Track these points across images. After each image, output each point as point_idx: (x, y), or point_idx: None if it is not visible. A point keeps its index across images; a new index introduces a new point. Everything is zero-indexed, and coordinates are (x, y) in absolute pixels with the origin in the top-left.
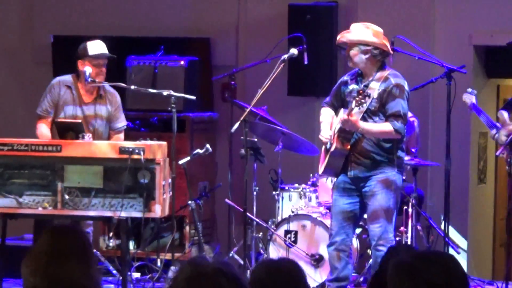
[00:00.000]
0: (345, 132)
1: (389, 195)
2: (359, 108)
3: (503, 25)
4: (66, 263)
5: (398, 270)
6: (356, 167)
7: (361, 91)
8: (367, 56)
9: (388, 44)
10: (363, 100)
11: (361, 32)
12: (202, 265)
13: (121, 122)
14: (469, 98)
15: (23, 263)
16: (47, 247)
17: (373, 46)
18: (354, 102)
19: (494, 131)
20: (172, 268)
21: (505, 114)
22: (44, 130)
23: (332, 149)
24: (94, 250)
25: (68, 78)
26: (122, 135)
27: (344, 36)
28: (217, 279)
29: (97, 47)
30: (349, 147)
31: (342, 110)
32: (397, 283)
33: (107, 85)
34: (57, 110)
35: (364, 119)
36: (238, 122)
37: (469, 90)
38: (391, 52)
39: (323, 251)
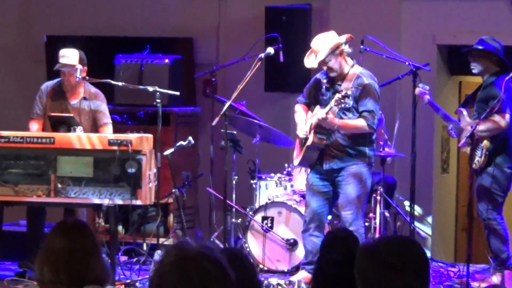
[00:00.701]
0: (321, 128)
1: (360, 184)
2: (338, 108)
3: (464, 26)
4: (83, 259)
5: (362, 253)
6: (331, 160)
7: (340, 91)
8: (342, 56)
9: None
10: (342, 101)
11: (327, 41)
12: (186, 248)
13: (106, 119)
14: (424, 94)
15: (39, 261)
16: (65, 247)
17: (343, 43)
18: (333, 101)
19: (451, 125)
20: (158, 251)
21: (465, 113)
22: (34, 129)
23: (309, 143)
24: None
25: (55, 81)
26: (109, 129)
27: (319, 53)
28: (201, 261)
29: (60, 57)
30: (324, 141)
31: (317, 107)
32: (360, 265)
33: (92, 87)
34: (46, 112)
35: (338, 115)
36: (219, 116)
37: (421, 85)
38: (353, 38)
39: (298, 236)
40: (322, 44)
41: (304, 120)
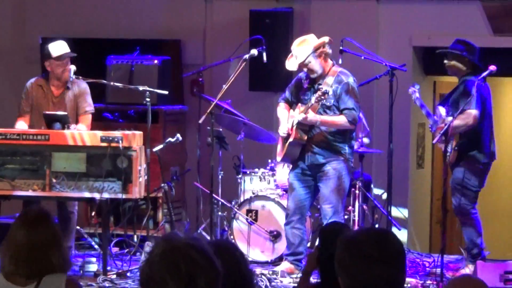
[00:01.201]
0: (303, 125)
1: (340, 179)
2: (318, 104)
3: (438, 28)
4: (42, 252)
5: (341, 244)
6: (312, 155)
7: (320, 89)
8: (321, 57)
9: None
10: (322, 97)
11: (306, 44)
12: (175, 240)
13: (87, 107)
14: (414, 93)
15: (2, 252)
16: (24, 239)
17: (322, 45)
18: (314, 98)
19: (431, 121)
20: (147, 243)
21: (442, 109)
22: (20, 126)
23: (291, 139)
24: (78, 227)
25: (38, 77)
26: (87, 117)
27: (299, 55)
28: (188, 252)
29: (58, 48)
30: (306, 137)
31: (299, 105)
32: (339, 255)
33: (73, 76)
34: (33, 107)
35: (320, 113)
36: (205, 114)
37: (416, 84)
38: (332, 40)
39: (280, 228)
40: (302, 47)
41: (286, 118)
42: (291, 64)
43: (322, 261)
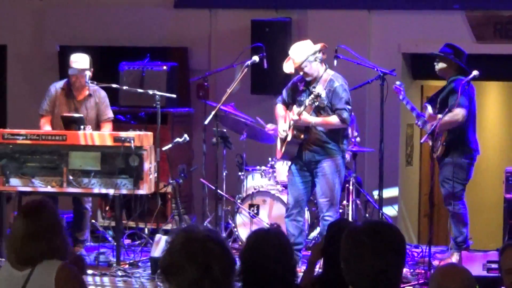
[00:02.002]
0: (299, 125)
1: (335, 175)
2: (311, 105)
3: (426, 35)
4: (35, 242)
5: (345, 234)
6: (309, 153)
7: (313, 92)
8: (316, 62)
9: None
10: (315, 99)
11: (303, 49)
12: (194, 231)
13: (108, 114)
14: (398, 90)
15: (6, 242)
16: (21, 229)
17: (318, 51)
18: (308, 101)
19: (418, 119)
20: (157, 235)
21: (429, 108)
22: (44, 126)
23: (289, 138)
24: (93, 221)
25: (62, 82)
26: (109, 124)
27: (296, 59)
28: (206, 243)
29: (73, 61)
30: (302, 136)
31: (295, 106)
32: (343, 246)
33: (95, 85)
34: (55, 108)
35: (314, 114)
36: (210, 116)
37: (398, 82)
38: (326, 46)
39: (281, 221)
40: (299, 52)
41: (284, 118)
42: (288, 67)
43: (328, 253)
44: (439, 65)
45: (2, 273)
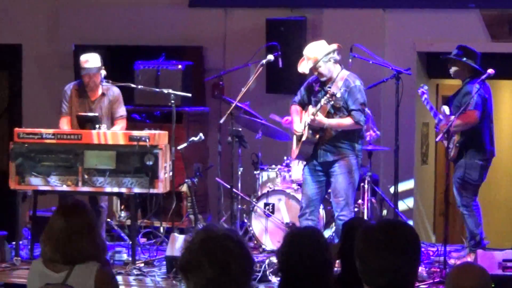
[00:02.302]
0: (314, 125)
1: (350, 175)
2: (327, 105)
3: (441, 34)
4: (79, 240)
5: (360, 232)
6: (324, 153)
7: (329, 91)
8: (330, 62)
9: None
10: (330, 99)
11: (317, 49)
12: (213, 230)
13: (122, 112)
14: (422, 92)
15: (42, 240)
16: (63, 228)
17: (332, 51)
18: (323, 100)
19: (437, 120)
20: (173, 234)
21: (446, 109)
22: (64, 126)
23: (304, 138)
24: (109, 220)
25: (76, 82)
26: (122, 121)
27: (311, 60)
28: (225, 241)
29: (84, 61)
30: (317, 136)
31: (310, 106)
32: (358, 244)
33: (109, 84)
34: (72, 107)
35: (330, 114)
36: (226, 115)
37: (424, 86)
38: (341, 46)
39: (295, 219)
40: (313, 52)
41: (299, 118)
42: (302, 67)
43: (343, 253)
44: (452, 69)
45: (34, 275)
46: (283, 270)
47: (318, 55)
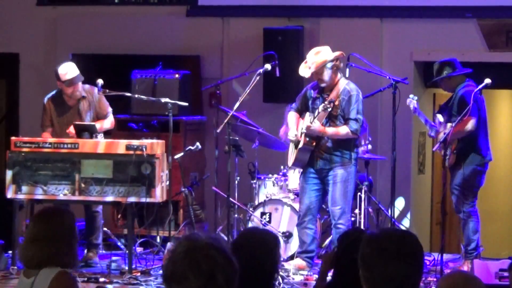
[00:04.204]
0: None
1: (347, 183)
2: (324, 112)
3: (438, 44)
4: (44, 246)
5: (364, 240)
6: (321, 161)
7: (326, 98)
8: (332, 70)
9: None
10: (328, 106)
11: (321, 55)
12: (196, 239)
13: (108, 108)
14: (412, 102)
15: (22, 245)
16: (30, 234)
17: (335, 58)
18: (321, 107)
19: (431, 131)
20: (169, 243)
21: (440, 117)
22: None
23: (300, 145)
24: (105, 229)
25: (54, 93)
26: (110, 116)
27: (314, 64)
28: (209, 250)
29: (66, 71)
30: (314, 143)
31: (308, 113)
32: (362, 251)
33: (87, 86)
34: (53, 121)
35: (327, 122)
36: (223, 124)
37: (411, 96)
38: (344, 55)
39: (292, 229)
40: (317, 57)
41: (296, 124)
42: (303, 71)
43: (339, 263)
44: (443, 88)
45: (18, 284)
46: None
47: (320, 60)
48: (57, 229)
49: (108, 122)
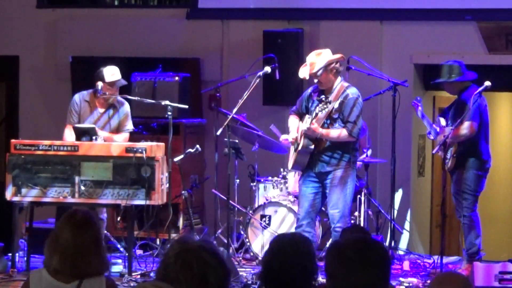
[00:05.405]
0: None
1: (346, 186)
2: (322, 113)
3: (437, 47)
4: (88, 254)
5: (329, 249)
6: (320, 164)
7: (323, 99)
8: (332, 72)
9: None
10: (325, 106)
11: (321, 57)
12: (188, 242)
13: (127, 126)
14: (416, 105)
15: (49, 249)
16: (72, 241)
17: (335, 61)
18: (318, 108)
19: (431, 131)
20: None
21: (442, 120)
22: (68, 134)
23: (299, 148)
24: (105, 232)
25: (86, 93)
26: (127, 134)
27: (313, 66)
28: (200, 253)
29: (112, 74)
30: (313, 146)
31: (307, 116)
32: (327, 259)
33: (118, 97)
34: (80, 119)
35: (326, 124)
36: (223, 127)
37: (418, 98)
38: (344, 58)
39: (292, 231)
40: (317, 59)
41: (296, 127)
42: (303, 73)
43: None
44: (447, 90)
45: (38, 286)
46: (263, 278)
47: (320, 62)
48: (97, 236)
49: (121, 138)
